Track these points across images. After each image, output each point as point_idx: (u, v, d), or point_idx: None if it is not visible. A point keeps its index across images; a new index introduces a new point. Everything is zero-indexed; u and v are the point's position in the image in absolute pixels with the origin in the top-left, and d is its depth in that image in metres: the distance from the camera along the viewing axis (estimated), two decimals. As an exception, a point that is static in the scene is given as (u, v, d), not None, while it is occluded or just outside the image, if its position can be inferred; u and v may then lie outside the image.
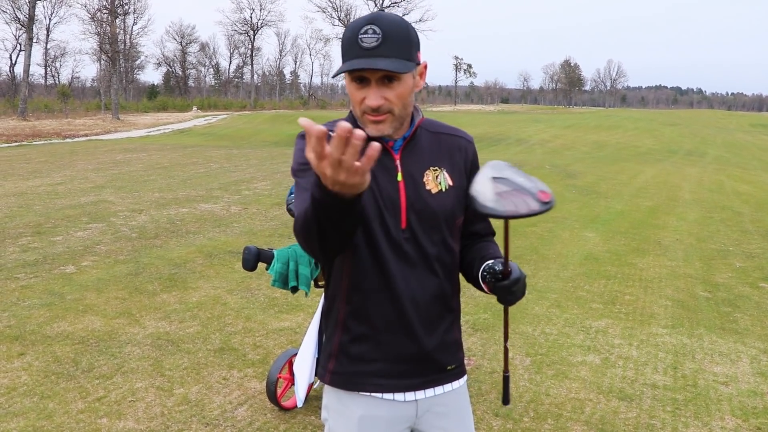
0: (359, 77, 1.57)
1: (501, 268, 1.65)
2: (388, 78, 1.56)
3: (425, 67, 1.68)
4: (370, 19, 1.55)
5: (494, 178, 1.49)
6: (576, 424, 3.78)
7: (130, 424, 3.62)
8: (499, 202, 1.46)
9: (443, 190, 1.72)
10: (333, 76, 1.61)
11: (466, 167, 1.79)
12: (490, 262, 1.71)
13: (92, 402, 3.86)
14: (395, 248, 1.67)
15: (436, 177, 1.72)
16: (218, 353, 4.64)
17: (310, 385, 3.70)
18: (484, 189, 1.48)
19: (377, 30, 1.53)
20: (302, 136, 1.68)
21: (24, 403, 3.82)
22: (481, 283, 1.73)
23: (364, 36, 1.53)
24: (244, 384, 4.16)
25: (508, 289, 1.62)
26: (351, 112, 1.75)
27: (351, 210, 1.34)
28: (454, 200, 1.73)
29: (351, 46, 1.55)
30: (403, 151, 1.70)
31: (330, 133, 1.67)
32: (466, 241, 1.85)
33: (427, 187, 1.70)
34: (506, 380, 1.87)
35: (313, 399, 3.91)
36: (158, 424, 3.64)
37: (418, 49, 1.62)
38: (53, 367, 4.31)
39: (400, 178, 1.67)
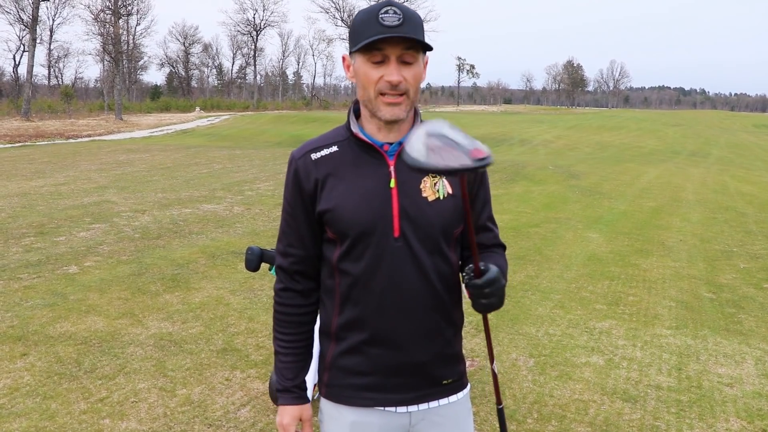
0: (377, 59, 1.56)
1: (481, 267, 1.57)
2: (405, 60, 1.57)
3: (426, 62, 1.67)
4: (388, 2, 1.56)
5: (429, 133, 1.38)
6: (580, 426, 3.76)
7: (132, 425, 3.62)
8: (428, 156, 1.35)
9: (441, 198, 1.65)
10: (355, 50, 1.58)
11: (472, 178, 1.73)
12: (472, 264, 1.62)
13: (95, 402, 3.85)
14: (387, 257, 1.63)
15: (435, 184, 1.65)
16: (221, 354, 4.63)
17: (314, 386, 3.69)
18: (416, 143, 1.37)
19: (398, 11, 1.54)
20: (291, 162, 1.70)
21: (26, 404, 3.81)
22: (464, 289, 1.63)
23: (386, 15, 1.53)
24: (247, 385, 4.15)
25: (479, 289, 1.53)
26: (349, 118, 1.70)
27: None
28: (452, 209, 1.66)
29: (371, 25, 1.54)
30: (398, 157, 1.64)
31: (312, 155, 1.68)
32: (468, 253, 1.76)
33: (424, 194, 1.64)
34: (501, 413, 1.79)
35: (317, 400, 3.90)
36: (161, 425, 3.63)
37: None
38: (56, 368, 4.31)
39: (392, 184, 1.63)
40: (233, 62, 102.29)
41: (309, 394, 3.59)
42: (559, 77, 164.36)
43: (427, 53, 1.65)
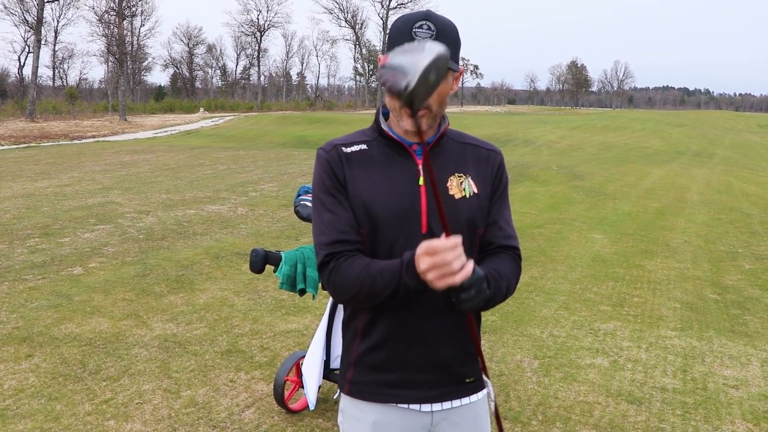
0: None
1: None
2: None
3: (461, 73, 1.69)
4: (425, 16, 1.59)
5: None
6: (585, 428, 3.75)
7: (137, 427, 3.62)
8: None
9: (467, 196, 1.70)
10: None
11: (492, 178, 1.76)
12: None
13: (99, 404, 3.86)
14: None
15: (461, 183, 1.70)
16: (225, 355, 4.63)
17: (318, 387, 3.69)
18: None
19: (432, 26, 1.57)
20: (320, 156, 1.71)
21: (32, 405, 3.82)
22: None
23: (419, 30, 1.56)
24: (252, 386, 4.15)
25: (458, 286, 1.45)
26: (375, 118, 1.74)
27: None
28: (476, 208, 1.71)
29: (403, 37, 1.57)
30: (426, 156, 1.65)
31: (343, 149, 1.69)
32: (484, 255, 1.76)
33: (450, 192, 1.68)
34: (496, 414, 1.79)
35: (321, 402, 3.90)
36: (165, 426, 3.63)
37: (459, 53, 1.66)
38: (61, 369, 4.32)
39: (421, 182, 1.66)
40: (237, 63, 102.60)
41: (314, 396, 3.60)
42: (563, 78, 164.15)
43: (461, 66, 1.67)
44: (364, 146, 1.71)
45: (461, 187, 1.70)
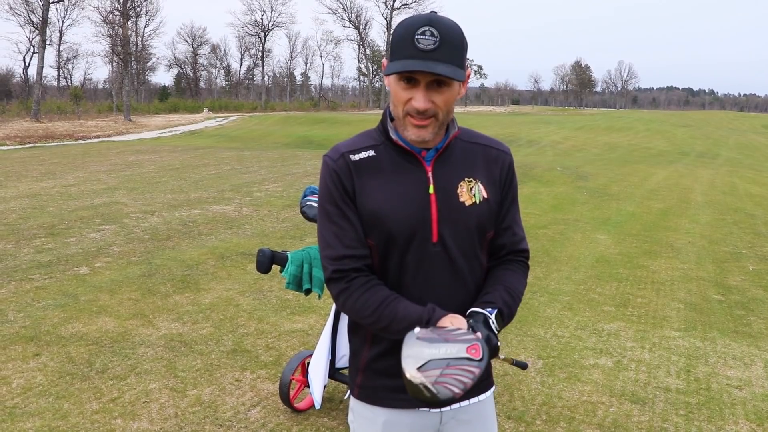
0: (408, 77, 1.53)
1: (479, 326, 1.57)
2: (438, 82, 1.53)
3: (468, 75, 1.63)
4: (428, 21, 1.51)
5: (419, 368, 1.40)
6: (588, 428, 3.77)
7: (144, 425, 3.65)
8: (440, 392, 1.39)
9: (477, 202, 1.67)
10: (386, 74, 1.56)
11: (501, 179, 1.74)
12: (477, 309, 1.63)
13: (106, 403, 3.89)
14: (426, 262, 1.65)
15: (471, 189, 1.67)
16: (231, 355, 4.66)
17: (324, 387, 3.71)
18: (415, 388, 1.40)
19: (435, 33, 1.49)
20: (327, 164, 1.68)
21: (39, 404, 3.85)
22: None
23: (422, 37, 1.49)
24: (257, 385, 4.18)
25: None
26: (382, 121, 1.71)
27: None
28: (486, 213, 1.70)
29: (405, 45, 1.51)
30: (435, 162, 1.66)
31: (351, 156, 1.68)
32: (491, 259, 1.79)
33: (461, 199, 1.65)
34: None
35: (327, 401, 3.93)
36: (172, 425, 3.66)
37: (466, 56, 1.61)
38: (68, 368, 4.35)
39: (431, 190, 1.64)
40: (241, 63, 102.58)
41: (320, 396, 3.62)
42: (567, 78, 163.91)
43: (469, 69, 1.63)
44: (372, 152, 1.67)
45: (471, 193, 1.67)
